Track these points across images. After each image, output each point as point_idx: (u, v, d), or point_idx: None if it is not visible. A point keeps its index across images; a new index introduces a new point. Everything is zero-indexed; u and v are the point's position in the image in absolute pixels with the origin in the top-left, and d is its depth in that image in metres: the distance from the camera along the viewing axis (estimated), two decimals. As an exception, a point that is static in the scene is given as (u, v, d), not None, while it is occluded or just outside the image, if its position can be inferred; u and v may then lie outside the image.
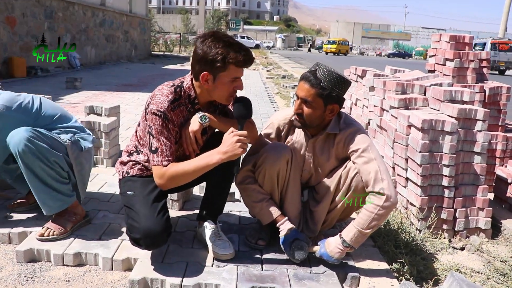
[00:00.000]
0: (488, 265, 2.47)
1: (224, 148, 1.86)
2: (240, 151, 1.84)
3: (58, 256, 2.11)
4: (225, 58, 1.87)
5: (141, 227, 1.91)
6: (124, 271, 2.09)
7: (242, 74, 1.98)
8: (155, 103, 1.94)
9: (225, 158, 1.86)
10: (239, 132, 1.87)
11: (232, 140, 1.84)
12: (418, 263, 2.33)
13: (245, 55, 1.90)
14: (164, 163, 1.93)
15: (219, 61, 1.87)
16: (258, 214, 2.21)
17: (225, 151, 1.86)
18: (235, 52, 1.88)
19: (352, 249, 2.06)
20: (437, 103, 3.02)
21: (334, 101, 2.03)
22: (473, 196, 2.85)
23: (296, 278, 2.00)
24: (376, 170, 1.98)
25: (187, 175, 1.94)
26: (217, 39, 1.88)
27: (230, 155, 1.85)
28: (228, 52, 1.87)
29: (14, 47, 10.36)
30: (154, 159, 1.95)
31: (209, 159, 1.89)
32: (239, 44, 1.92)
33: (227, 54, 1.87)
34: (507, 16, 31.26)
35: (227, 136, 1.88)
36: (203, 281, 1.93)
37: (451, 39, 4.00)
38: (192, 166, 1.91)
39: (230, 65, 1.89)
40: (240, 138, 1.84)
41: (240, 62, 1.90)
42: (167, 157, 1.94)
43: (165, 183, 1.96)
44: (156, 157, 1.94)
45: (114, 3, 17.53)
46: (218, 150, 1.88)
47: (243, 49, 1.91)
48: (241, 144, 1.84)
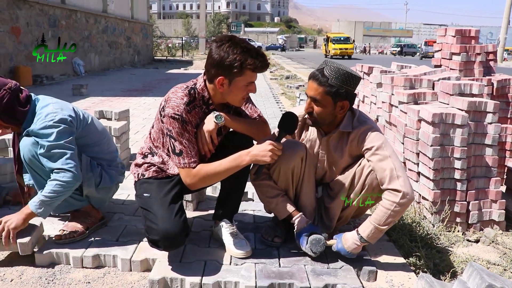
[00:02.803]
0: (504, 257, 2.47)
1: (255, 151, 1.93)
2: (269, 159, 1.92)
3: (77, 258, 2.14)
4: (243, 64, 1.90)
5: (159, 228, 1.94)
6: (143, 272, 2.12)
7: (256, 78, 2.02)
8: (171, 106, 1.96)
9: (254, 160, 1.94)
10: (276, 144, 1.93)
11: (266, 148, 1.91)
12: (434, 256, 2.33)
13: (262, 61, 1.94)
14: (192, 164, 1.98)
15: (236, 67, 1.90)
16: (274, 209, 2.23)
17: (255, 154, 1.92)
18: (252, 58, 1.91)
19: (368, 243, 2.07)
20: (446, 97, 3.02)
21: (343, 98, 2.04)
22: (486, 188, 2.85)
23: (314, 273, 2.01)
24: (391, 168, 1.99)
25: (218, 175, 2.00)
26: (235, 45, 1.91)
27: (259, 158, 1.92)
28: (246, 58, 1.90)
29: (19, 56, 10.45)
30: (180, 162, 1.98)
31: (239, 161, 1.95)
32: (256, 50, 1.95)
33: (244, 60, 1.89)
34: (509, 10, 31.08)
35: (264, 143, 1.94)
36: (222, 279, 1.95)
37: (456, 33, 4.01)
38: (223, 167, 1.96)
39: (247, 71, 1.93)
40: (274, 148, 1.91)
41: (257, 68, 1.93)
42: (193, 158, 1.98)
43: (195, 183, 2.01)
44: (183, 159, 1.98)
45: (116, 10, 17.64)
46: (248, 151, 1.94)
47: (260, 55, 1.94)
48: (272, 154, 1.90)
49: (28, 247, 2.07)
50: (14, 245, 2.09)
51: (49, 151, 2.12)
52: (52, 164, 2.12)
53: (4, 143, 3.39)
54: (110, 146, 2.49)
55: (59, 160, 2.12)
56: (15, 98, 2.14)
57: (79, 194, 2.32)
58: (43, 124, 2.12)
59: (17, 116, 2.16)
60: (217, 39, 1.98)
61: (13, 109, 2.13)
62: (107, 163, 2.43)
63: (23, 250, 2.07)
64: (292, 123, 2.03)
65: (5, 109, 2.11)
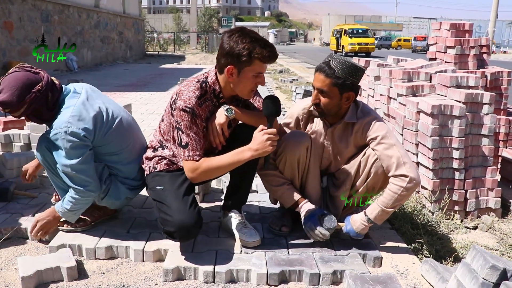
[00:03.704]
0: (502, 242, 2.57)
1: (255, 145, 1.96)
2: (270, 148, 1.94)
3: (91, 250, 2.19)
4: (251, 52, 1.94)
5: (174, 220, 1.99)
6: (155, 262, 2.17)
7: (265, 70, 2.05)
8: (182, 99, 2.01)
9: (256, 155, 1.97)
10: (269, 130, 1.95)
11: (262, 139, 1.93)
12: (435, 243, 2.42)
13: (270, 51, 1.98)
14: (195, 158, 2.03)
15: (245, 56, 1.94)
16: (281, 198, 2.30)
17: (256, 149, 1.95)
18: (260, 47, 1.95)
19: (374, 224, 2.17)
20: (444, 89, 3.11)
21: (349, 89, 2.11)
22: (482, 177, 2.95)
23: (323, 260, 2.09)
24: (397, 156, 2.08)
25: (220, 169, 2.05)
26: (244, 35, 1.96)
27: (261, 152, 1.95)
28: (254, 47, 1.94)
29: (12, 52, 10.39)
30: (185, 154, 2.03)
31: (241, 156, 1.99)
32: (265, 40, 1.99)
33: (253, 49, 1.94)
34: (497, 4, 31.35)
35: (257, 134, 1.96)
36: (235, 267, 2.01)
37: (451, 27, 4.10)
38: (224, 161, 2.02)
39: (255, 60, 1.97)
40: (270, 136, 1.94)
41: (265, 58, 1.97)
42: (198, 151, 2.03)
43: (197, 176, 2.06)
44: (187, 152, 2.03)
45: (108, 5, 17.52)
46: (249, 147, 1.98)
47: (268, 45, 1.98)
48: (271, 142, 1.93)
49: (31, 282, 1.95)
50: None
51: (65, 172, 2.14)
52: (69, 182, 2.17)
53: (9, 138, 3.41)
54: (131, 155, 2.32)
55: (75, 181, 2.15)
56: (44, 102, 2.09)
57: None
58: (56, 132, 2.08)
59: (44, 117, 2.16)
60: (228, 30, 2.03)
61: (40, 112, 2.12)
62: (121, 175, 2.32)
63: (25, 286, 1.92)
64: (275, 105, 2.03)
65: (33, 111, 2.11)
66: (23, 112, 2.09)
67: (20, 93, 2.02)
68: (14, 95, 2.01)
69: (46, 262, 1.99)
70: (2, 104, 2.04)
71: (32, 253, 2.23)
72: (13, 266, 2.10)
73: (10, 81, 2.03)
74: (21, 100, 2.03)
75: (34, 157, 2.97)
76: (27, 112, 2.09)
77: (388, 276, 1.96)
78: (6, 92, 2.02)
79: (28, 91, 2.03)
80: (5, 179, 2.97)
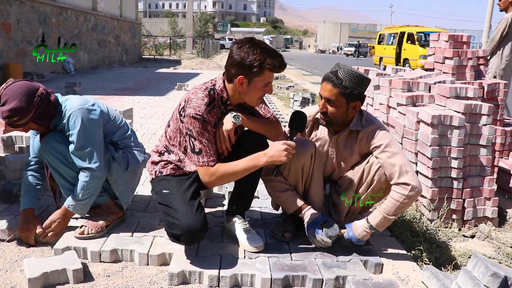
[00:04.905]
0: (499, 251, 2.63)
1: (271, 152, 2.01)
2: (285, 159, 2.00)
3: (96, 253, 2.20)
4: (262, 63, 1.99)
5: (181, 224, 2.02)
6: (160, 266, 2.19)
7: (273, 79, 2.11)
8: (192, 107, 2.04)
9: (271, 162, 2.02)
10: (289, 142, 2.02)
11: (281, 148, 2.00)
12: (435, 250, 2.47)
13: (280, 61, 2.03)
14: (210, 163, 2.07)
15: (256, 67, 1.99)
16: (284, 204, 2.34)
17: (271, 155, 2.01)
18: (271, 58, 2.00)
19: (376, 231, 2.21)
20: (443, 100, 3.17)
21: (356, 99, 2.17)
22: (480, 186, 3.00)
23: (325, 266, 2.13)
24: (400, 164, 2.12)
25: (235, 175, 2.09)
26: (255, 46, 2.01)
27: (275, 159, 2.01)
28: (265, 58, 1.99)
29: (10, 53, 10.35)
30: (199, 160, 2.07)
31: (256, 161, 2.04)
32: (274, 51, 2.05)
33: (264, 60, 1.99)
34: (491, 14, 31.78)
35: (277, 142, 2.03)
36: (239, 271, 2.04)
37: (449, 38, 4.17)
38: (240, 167, 2.06)
39: (266, 70, 2.02)
40: (288, 147, 2.00)
41: (275, 68, 2.03)
42: (212, 157, 2.07)
43: (213, 181, 2.10)
44: (202, 158, 2.06)
45: (106, 8, 17.53)
46: (265, 153, 2.03)
47: (278, 55, 2.04)
48: (287, 153, 1.99)
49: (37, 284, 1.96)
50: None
51: (78, 154, 2.23)
52: (80, 162, 2.24)
53: (11, 140, 3.42)
54: (128, 128, 2.58)
55: (86, 158, 2.23)
56: (48, 102, 2.21)
57: (101, 189, 2.40)
58: (71, 112, 2.23)
59: (50, 116, 2.25)
60: (238, 41, 2.07)
61: (47, 112, 2.22)
62: (130, 144, 2.52)
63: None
64: (301, 121, 2.14)
65: (40, 114, 2.19)
66: (31, 117, 2.15)
67: (27, 99, 2.11)
68: (22, 101, 2.10)
69: (52, 264, 2.01)
70: (13, 111, 2.09)
71: (36, 255, 2.25)
72: (18, 268, 2.11)
73: (14, 90, 2.11)
74: (29, 104, 2.11)
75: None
76: (35, 116, 2.16)
77: (389, 283, 2.00)
78: (12, 101, 2.09)
79: (33, 95, 2.13)
80: (8, 181, 2.98)
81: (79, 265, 2.02)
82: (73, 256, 2.10)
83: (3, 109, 2.09)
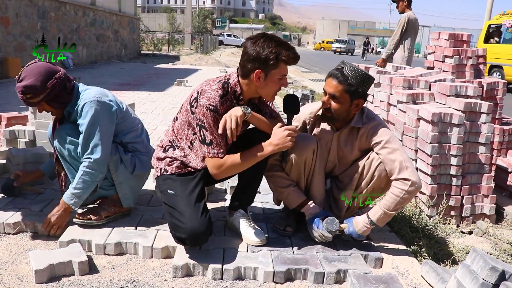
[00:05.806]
0: (496, 247, 2.67)
1: (275, 140, 2.05)
2: (290, 144, 2.05)
3: (100, 246, 2.24)
4: (278, 56, 2.02)
5: (187, 227, 2.04)
6: (163, 259, 2.22)
7: (287, 72, 2.15)
8: (206, 97, 2.06)
9: (277, 150, 2.06)
10: (289, 127, 2.06)
11: (283, 134, 2.03)
12: (433, 246, 2.51)
13: (294, 53, 2.07)
14: (220, 155, 2.09)
15: (272, 59, 2.02)
16: (286, 199, 2.38)
17: (276, 143, 2.05)
18: (286, 50, 2.04)
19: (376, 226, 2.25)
20: (443, 98, 3.21)
21: (359, 97, 2.21)
22: (478, 184, 3.04)
23: (326, 260, 2.16)
24: (400, 160, 2.16)
25: (243, 165, 2.12)
26: (269, 39, 2.05)
27: (281, 147, 2.05)
28: (281, 50, 2.03)
29: (8, 48, 10.34)
30: (209, 151, 2.09)
31: (263, 150, 2.07)
32: (287, 43, 2.09)
33: (279, 53, 2.02)
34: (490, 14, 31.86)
35: (278, 130, 2.06)
36: (242, 265, 2.08)
37: (450, 37, 4.20)
38: (247, 157, 2.08)
39: (281, 63, 2.05)
40: (290, 132, 2.04)
41: (291, 60, 2.06)
42: (222, 148, 2.09)
43: (222, 173, 2.12)
44: (212, 149, 2.09)
45: (104, 3, 17.48)
46: (269, 142, 2.06)
47: (291, 48, 2.08)
48: (291, 137, 2.04)
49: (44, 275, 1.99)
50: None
51: (86, 137, 2.28)
52: (83, 151, 2.29)
53: (14, 134, 3.44)
54: (142, 132, 2.61)
55: (89, 149, 2.28)
56: (64, 87, 2.28)
57: (108, 183, 2.44)
58: (86, 102, 2.29)
59: (63, 100, 2.32)
60: (251, 37, 2.11)
61: (61, 96, 2.29)
62: (141, 149, 2.55)
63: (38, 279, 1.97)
64: (295, 103, 2.17)
65: (54, 97, 2.26)
66: (44, 97, 2.24)
67: (44, 79, 2.19)
68: (38, 80, 2.19)
69: (58, 257, 2.04)
70: (27, 87, 2.18)
71: (42, 247, 2.28)
72: (24, 260, 2.14)
73: (33, 69, 2.21)
74: (44, 84, 2.20)
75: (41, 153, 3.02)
76: (48, 97, 2.25)
77: (389, 276, 2.04)
78: (29, 78, 2.18)
79: (50, 77, 2.22)
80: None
81: (85, 257, 2.06)
82: (78, 249, 2.14)
83: (19, 84, 2.19)
